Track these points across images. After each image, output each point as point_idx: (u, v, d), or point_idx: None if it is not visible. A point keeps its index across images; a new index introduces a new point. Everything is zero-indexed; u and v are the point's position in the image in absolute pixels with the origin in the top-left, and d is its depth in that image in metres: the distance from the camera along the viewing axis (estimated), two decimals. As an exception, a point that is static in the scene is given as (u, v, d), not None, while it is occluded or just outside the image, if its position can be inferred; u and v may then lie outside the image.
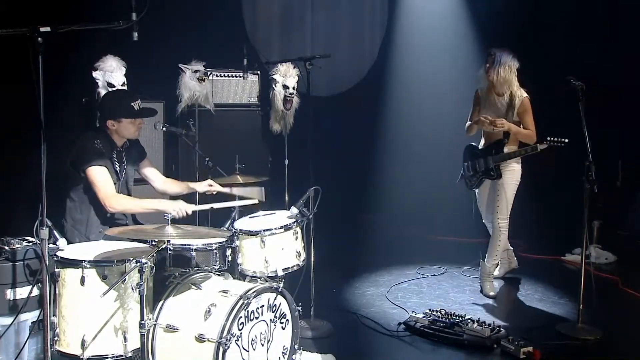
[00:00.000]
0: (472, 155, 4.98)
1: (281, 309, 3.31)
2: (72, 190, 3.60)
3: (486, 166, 4.83)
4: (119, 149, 3.73)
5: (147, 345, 2.92)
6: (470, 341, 3.94)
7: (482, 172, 4.89)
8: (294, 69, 4.79)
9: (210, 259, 3.40)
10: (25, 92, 2.89)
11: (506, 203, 4.80)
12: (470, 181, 5.05)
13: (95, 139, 3.59)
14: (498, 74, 4.61)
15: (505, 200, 4.78)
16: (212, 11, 6.18)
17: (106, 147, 3.63)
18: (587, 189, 4.06)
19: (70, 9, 4.34)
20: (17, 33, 2.71)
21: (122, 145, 3.75)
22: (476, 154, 4.95)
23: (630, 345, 4.10)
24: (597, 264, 5.75)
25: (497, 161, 4.76)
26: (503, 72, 4.60)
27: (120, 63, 4.18)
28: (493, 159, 4.77)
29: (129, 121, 3.65)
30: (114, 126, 3.64)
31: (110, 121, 3.63)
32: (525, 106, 4.64)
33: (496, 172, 4.77)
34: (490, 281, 5.01)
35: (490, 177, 4.84)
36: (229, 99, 5.62)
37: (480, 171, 4.91)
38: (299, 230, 3.75)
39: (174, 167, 5.46)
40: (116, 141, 3.71)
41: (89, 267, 2.90)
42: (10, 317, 3.07)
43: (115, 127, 3.65)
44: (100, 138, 3.63)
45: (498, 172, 4.77)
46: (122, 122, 3.64)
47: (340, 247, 6.13)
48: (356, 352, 4.02)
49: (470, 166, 5.00)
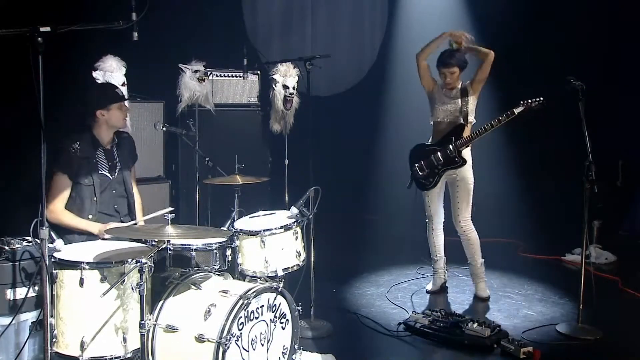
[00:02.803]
0: (425, 153, 4.80)
1: (281, 309, 3.31)
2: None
3: (446, 156, 4.68)
4: (104, 147, 3.73)
5: (147, 346, 2.91)
6: (470, 341, 3.93)
7: (442, 164, 4.71)
8: (294, 69, 4.79)
9: (210, 259, 3.40)
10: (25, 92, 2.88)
11: (467, 205, 4.77)
12: (426, 181, 4.83)
13: (74, 142, 3.59)
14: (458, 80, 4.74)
15: (467, 196, 4.76)
16: (212, 11, 6.19)
17: (87, 149, 3.63)
18: (587, 189, 4.06)
19: (70, 9, 4.34)
20: (17, 33, 2.71)
21: (109, 143, 3.76)
22: (429, 150, 4.79)
23: (630, 345, 4.10)
24: (597, 264, 5.75)
25: (462, 145, 4.64)
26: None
27: (120, 63, 4.17)
28: (455, 145, 4.65)
29: (117, 107, 3.68)
30: (104, 116, 3.66)
31: (100, 111, 3.65)
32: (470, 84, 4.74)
33: (460, 158, 4.66)
34: (483, 281, 4.96)
35: (454, 166, 4.69)
36: (229, 99, 5.62)
37: (438, 165, 4.73)
38: (299, 230, 3.75)
39: (174, 167, 5.47)
40: (102, 138, 3.71)
41: (88, 268, 2.89)
42: (10, 317, 3.06)
43: (105, 117, 3.66)
44: (83, 140, 3.63)
45: (462, 158, 4.66)
46: (111, 109, 3.66)
47: (340, 247, 6.14)
48: (356, 352, 4.02)
49: (425, 165, 4.79)
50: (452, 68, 4.67)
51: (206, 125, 5.26)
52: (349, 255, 6.12)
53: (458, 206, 4.80)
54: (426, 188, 4.88)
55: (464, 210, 4.80)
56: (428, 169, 4.80)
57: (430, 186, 4.84)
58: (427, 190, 4.89)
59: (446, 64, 4.69)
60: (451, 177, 4.79)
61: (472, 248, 4.88)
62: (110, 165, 3.74)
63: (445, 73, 4.70)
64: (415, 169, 4.86)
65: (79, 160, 3.58)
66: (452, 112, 4.74)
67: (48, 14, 3.92)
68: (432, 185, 4.83)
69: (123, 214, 3.80)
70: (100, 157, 3.70)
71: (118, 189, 3.77)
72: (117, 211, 3.76)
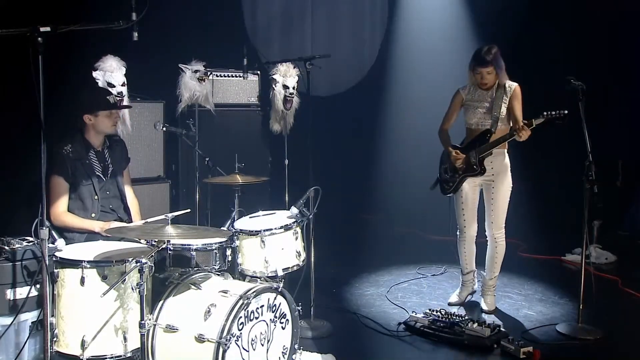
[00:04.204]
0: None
1: (281, 309, 3.31)
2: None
3: (468, 161, 4.44)
4: (96, 149, 3.75)
5: (147, 346, 2.92)
6: (470, 341, 3.93)
7: (463, 170, 4.48)
8: (294, 69, 4.79)
9: (210, 259, 3.40)
10: (25, 92, 2.88)
11: (503, 212, 4.51)
12: (447, 185, 4.61)
13: (67, 144, 3.61)
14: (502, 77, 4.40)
15: (502, 208, 4.48)
16: (212, 11, 6.18)
17: (79, 151, 3.65)
18: (587, 189, 4.06)
19: (70, 9, 4.34)
20: (17, 33, 2.71)
21: (100, 146, 3.77)
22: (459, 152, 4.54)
23: (630, 345, 4.10)
24: (597, 264, 5.75)
25: (483, 152, 4.37)
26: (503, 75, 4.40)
27: (120, 63, 4.17)
28: (477, 151, 4.40)
29: (106, 114, 3.68)
30: (91, 121, 3.67)
31: (87, 115, 3.66)
32: (516, 93, 4.38)
33: (479, 166, 4.38)
34: (493, 295, 4.71)
35: (473, 174, 4.43)
36: (229, 99, 5.62)
37: (460, 170, 4.50)
38: (299, 230, 3.75)
39: (174, 167, 5.47)
40: (93, 141, 3.73)
41: (88, 267, 2.90)
42: (10, 317, 3.06)
43: (92, 122, 3.68)
44: (74, 142, 3.66)
45: (482, 167, 4.38)
46: (99, 115, 3.67)
47: (340, 247, 6.14)
48: (356, 352, 4.02)
49: (449, 168, 4.58)
50: (489, 67, 4.33)
51: (206, 125, 5.26)
52: (349, 255, 6.11)
53: (492, 213, 4.50)
54: (445, 192, 4.66)
55: (498, 217, 4.50)
56: (451, 173, 4.58)
57: (450, 191, 4.61)
58: (445, 194, 4.68)
59: (483, 62, 4.34)
60: (487, 182, 4.50)
61: (497, 259, 4.59)
62: (102, 167, 3.76)
63: (482, 72, 4.36)
64: (442, 171, 4.67)
65: (73, 162, 3.61)
66: (484, 115, 4.45)
67: (48, 14, 3.92)
68: (450, 190, 4.60)
69: (119, 213, 3.84)
70: (92, 159, 3.73)
71: (112, 189, 3.82)
72: (114, 210, 3.80)
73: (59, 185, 3.58)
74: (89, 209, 3.65)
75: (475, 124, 4.49)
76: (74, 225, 3.59)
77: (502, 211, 4.51)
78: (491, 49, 4.37)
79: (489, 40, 4.85)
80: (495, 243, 4.57)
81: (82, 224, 3.59)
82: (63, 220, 3.58)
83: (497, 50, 4.38)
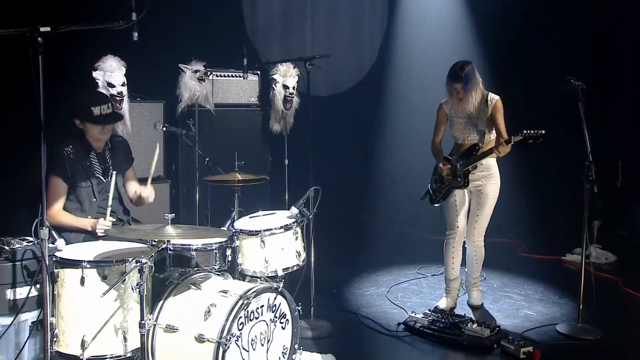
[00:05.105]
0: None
1: (281, 309, 3.31)
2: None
3: (454, 173, 4.48)
4: (97, 151, 3.73)
5: (147, 346, 2.92)
6: (470, 341, 3.93)
7: (449, 182, 4.52)
8: (294, 69, 4.79)
9: (210, 259, 3.40)
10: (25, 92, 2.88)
11: (487, 219, 4.57)
12: (435, 195, 4.63)
13: (68, 145, 3.61)
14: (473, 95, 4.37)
15: (487, 215, 4.55)
16: (212, 11, 6.18)
17: (80, 152, 3.64)
18: (587, 189, 4.06)
19: (70, 9, 4.34)
20: (17, 33, 2.71)
21: (101, 148, 3.75)
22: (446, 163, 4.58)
23: (630, 345, 4.10)
24: (597, 264, 5.75)
25: (467, 165, 4.42)
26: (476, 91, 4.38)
27: (120, 63, 4.17)
28: (462, 164, 4.44)
29: (91, 125, 3.65)
30: (80, 125, 3.66)
31: (76, 120, 3.66)
32: (498, 107, 4.38)
33: (463, 179, 4.43)
34: (478, 290, 4.79)
35: (457, 185, 4.48)
36: (229, 99, 5.62)
37: (446, 181, 4.53)
38: (299, 230, 3.75)
39: (174, 167, 5.47)
40: (92, 143, 3.71)
41: (89, 267, 2.91)
42: (10, 317, 3.07)
43: (82, 127, 3.67)
44: (75, 142, 3.65)
45: (466, 179, 4.43)
46: (86, 124, 3.65)
47: (340, 247, 6.14)
48: (356, 352, 4.03)
49: (437, 178, 4.61)
50: (461, 83, 4.34)
51: (206, 125, 5.26)
52: (349, 255, 6.11)
53: (477, 219, 4.56)
54: (433, 202, 4.68)
55: (483, 223, 4.57)
56: (439, 183, 4.61)
57: (436, 201, 4.64)
58: (433, 204, 4.68)
59: (455, 77, 4.36)
60: (476, 188, 4.52)
61: (477, 263, 4.69)
62: (103, 169, 3.75)
63: (457, 88, 4.38)
64: (432, 181, 4.69)
65: (73, 164, 3.60)
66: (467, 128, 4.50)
67: (48, 14, 3.92)
68: (437, 199, 4.63)
69: (119, 214, 3.82)
70: (93, 161, 3.71)
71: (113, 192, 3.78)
72: (113, 211, 3.76)
73: (57, 185, 3.57)
74: (86, 211, 3.64)
75: (459, 137, 4.56)
76: (67, 223, 3.57)
77: (487, 218, 4.59)
78: (465, 65, 4.38)
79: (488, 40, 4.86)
80: (476, 247, 4.66)
81: (75, 222, 3.58)
82: (58, 219, 3.56)
83: (471, 67, 4.38)
